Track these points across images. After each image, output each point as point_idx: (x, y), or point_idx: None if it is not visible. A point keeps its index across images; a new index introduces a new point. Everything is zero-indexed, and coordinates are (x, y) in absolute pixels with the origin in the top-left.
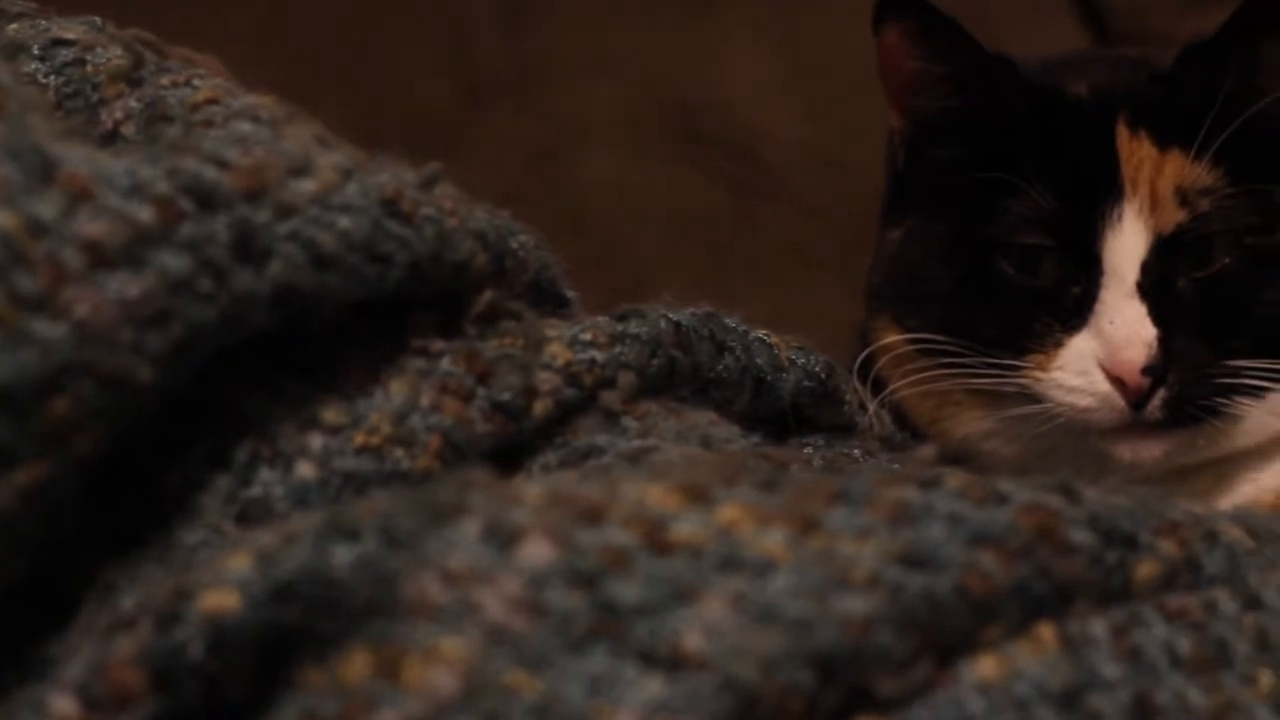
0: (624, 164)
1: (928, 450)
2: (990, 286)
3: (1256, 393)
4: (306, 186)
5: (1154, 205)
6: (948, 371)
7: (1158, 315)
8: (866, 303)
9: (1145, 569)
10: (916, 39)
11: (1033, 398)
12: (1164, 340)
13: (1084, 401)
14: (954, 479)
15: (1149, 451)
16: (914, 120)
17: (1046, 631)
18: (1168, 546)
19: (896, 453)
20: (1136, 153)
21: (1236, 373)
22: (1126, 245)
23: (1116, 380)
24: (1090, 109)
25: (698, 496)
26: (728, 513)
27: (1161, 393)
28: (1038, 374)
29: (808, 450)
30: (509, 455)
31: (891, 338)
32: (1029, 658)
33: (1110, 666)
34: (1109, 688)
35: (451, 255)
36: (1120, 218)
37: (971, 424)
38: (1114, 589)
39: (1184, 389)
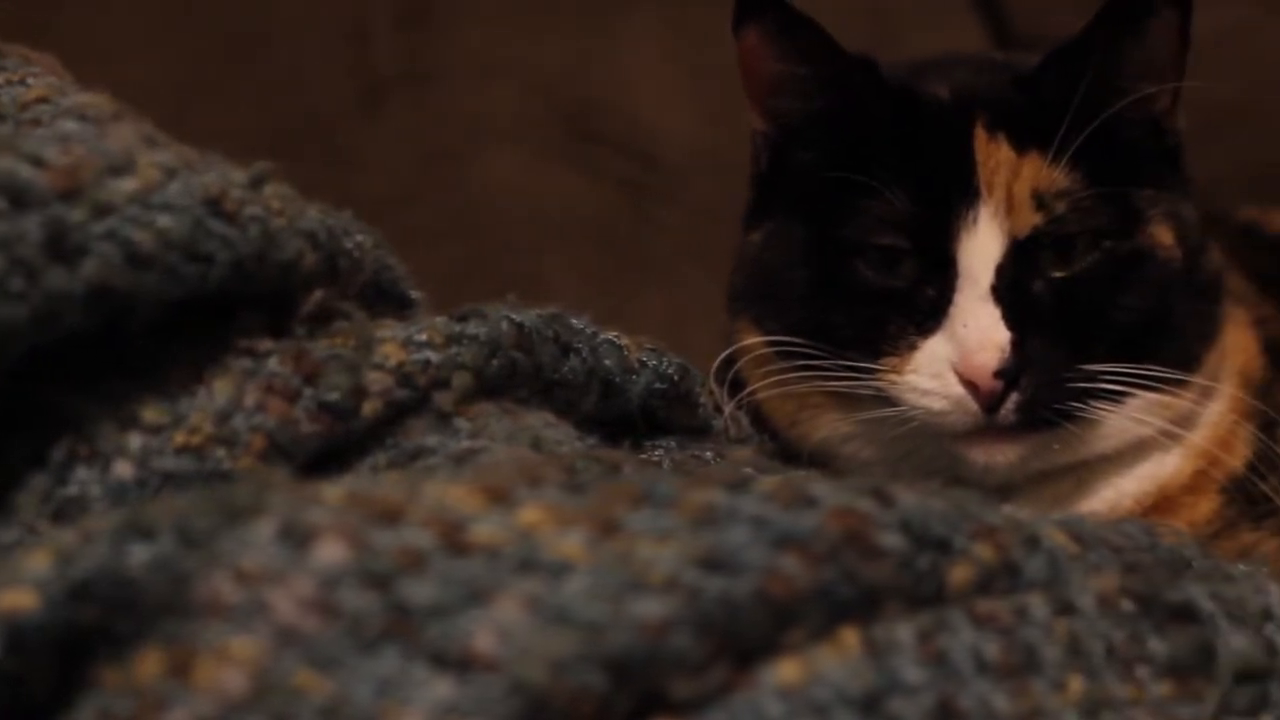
0: (521, 165)
1: (743, 452)
2: (847, 289)
3: (1115, 397)
4: (126, 185)
5: (1010, 208)
6: (805, 374)
7: (1012, 318)
8: (728, 305)
9: (960, 573)
10: (776, 40)
11: (889, 401)
12: (1018, 344)
13: (938, 405)
14: (764, 482)
15: (1003, 455)
16: (776, 122)
17: (850, 635)
18: (984, 551)
19: (757, 456)
20: (994, 155)
21: (1093, 377)
22: (981, 248)
23: (969, 384)
24: (949, 111)
25: (500, 498)
26: (529, 514)
27: (1015, 396)
28: (893, 377)
29: (659, 453)
30: (339, 456)
31: (751, 340)
32: (831, 662)
33: (913, 671)
34: (911, 692)
35: (278, 255)
36: (975, 220)
37: (830, 426)
38: (927, 593)
39: (1038, 393)
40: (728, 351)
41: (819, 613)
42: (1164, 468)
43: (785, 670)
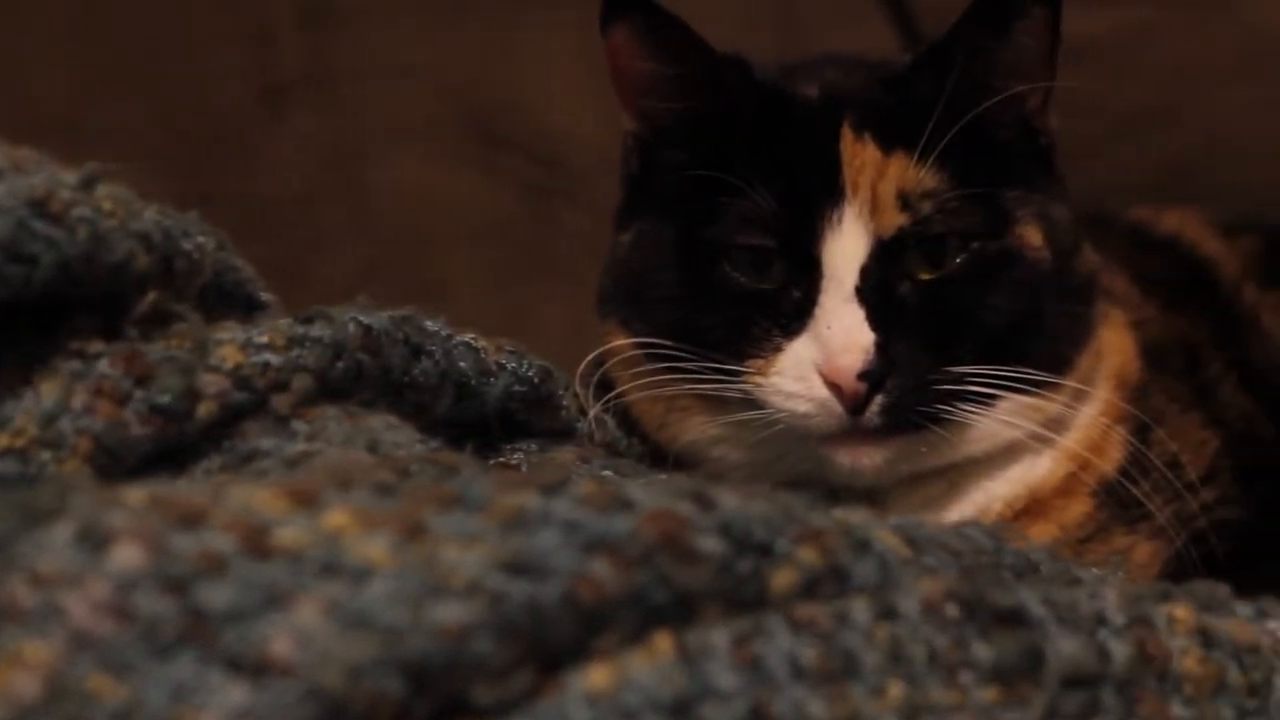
0: (425, 167)
1: (568, 453)
2: (714, 290)
3: (983, 400)
4: None
5: (875, 208)
6: (672, 376)
7: (876, 320)
8: (598, 306)
9: (782, 577)
10: (645, 39)
11: (755, 403)
12: (882, 345)
13: (802, 407)
14: (580, 485)
15: (869, 459)
16: (646, 122)
17: (663, 641)
18: (808, 554)
19: (619, 459)
20: (859, 155)
21: (960, 379)
22: (846, 249)
23: (833, 386)
24: (818, 111)
25: (306, 501)
26: (335, 518)
27: (880, 399)
28: (758, 379)
29: (518, 456)
30: (174, 459)
31: (620, 341)
32: (642, 667)
33: (727, 676)
34: (724, 698)
35: (108, 256)
36: (840, 221)
37: (698, 429)
38: (748, 597)
39: (903, 395)
40: (595, 353)
41: (631, 617)
42: (1035, 471)
43: (595, 676)
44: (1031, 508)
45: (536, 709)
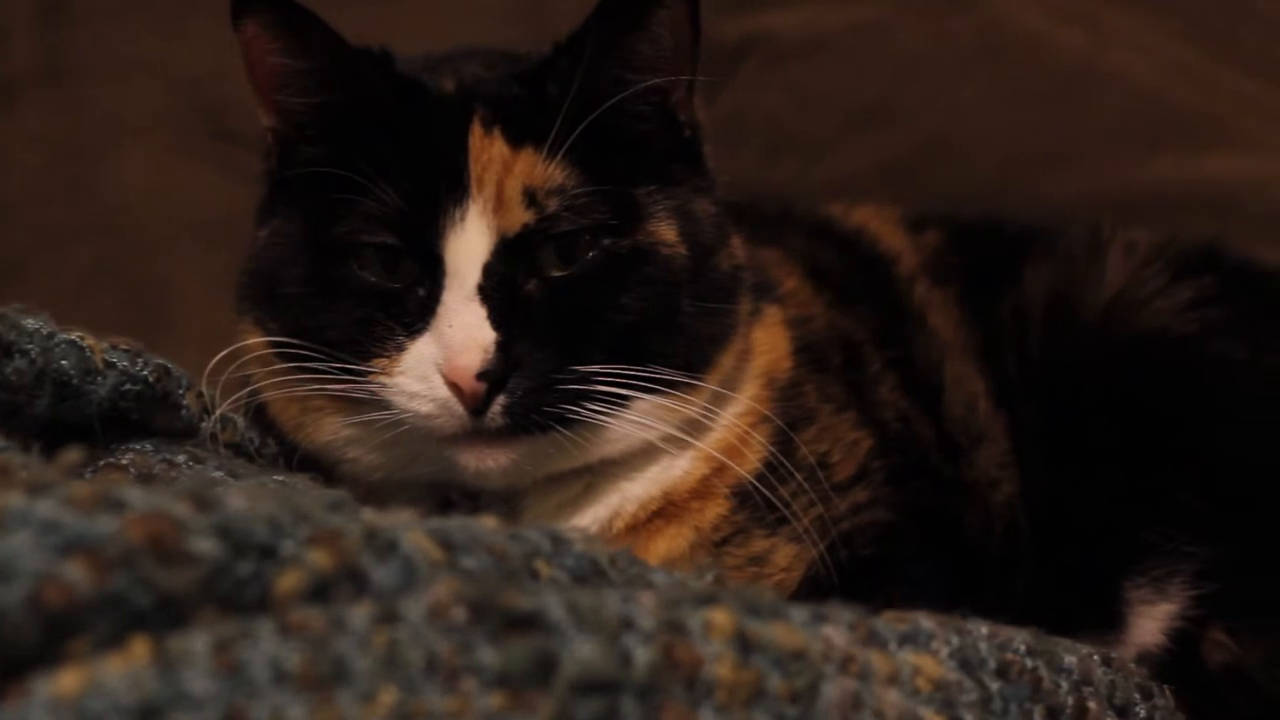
0: (158, 163)
1: (73, 454)
2: (341, 289)
3: (614, 401)
4: None
5: (499, 205)
6: (304, 376)
7: (498, 318)
8: (235, 303)
9: (287, 580)
10: (277, 33)
11: (384, 404)
12: (504, 345)
13: (425, 408)
14: (73, 486)
15: (494, 460)
16: (283, 117)
17: (140, 646)
18: (319, 557)
19: (239, 459)
20: (487, 151)
21: (587, 379)
22: (469, 246)
23: (454, 386)
24: (450, 106)
25: None
26: None
27: (502, 399)
28: (383, 379)
29: (128, 457)
30: None
31: (254, 339)
32: (113, 672)
33: (202, 682)
34: (196, 704)
35: None
36: (464, 218)
37: (331, 430)
38: (248, 601)
39: (527, 396)
40: (227, 351)
41: (108, 621)
42: (671, 473)
43: (63, 681)
44: (667, 510)
45: None
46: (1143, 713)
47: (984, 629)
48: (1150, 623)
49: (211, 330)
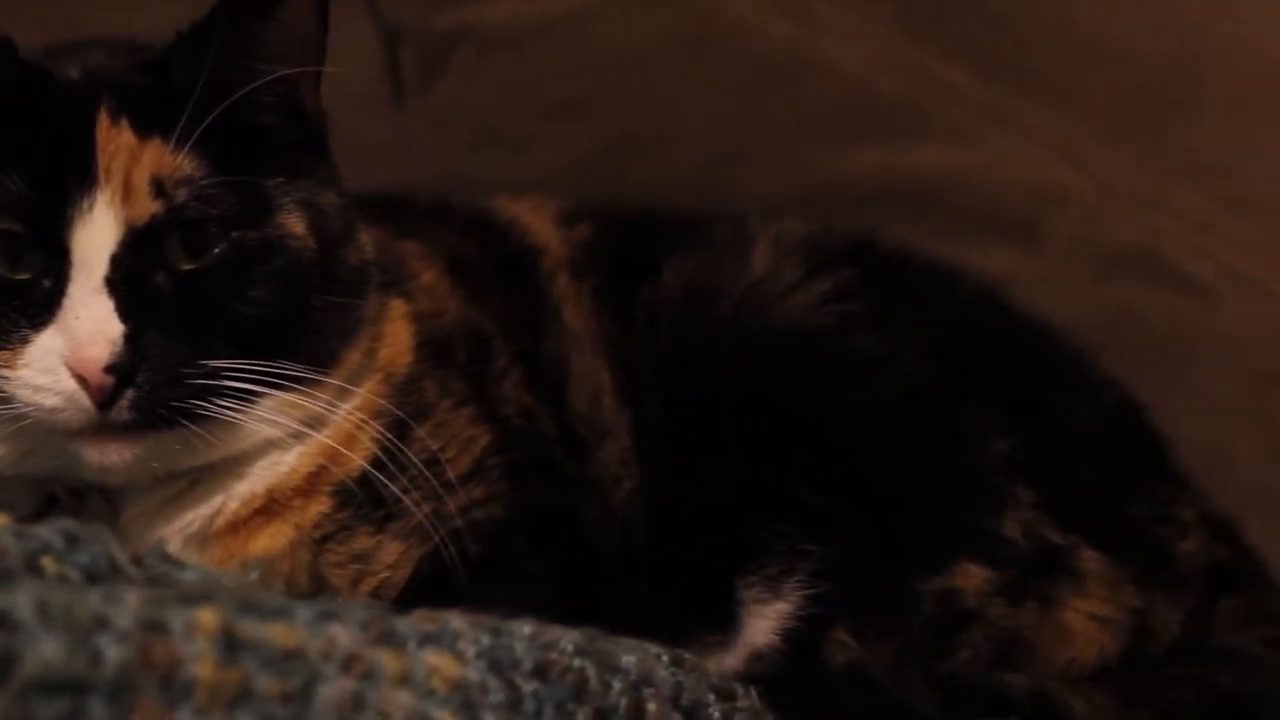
0: None
1: None
2: None
3: (242, 396)
4: None
5: (127, 195)
6: None
7: (127, 311)
8: None
9: None
10: None
11: (5, 398)
12: (132, 337)
13: (50, 401)
14: None
15: (118, 455)
16: None
17: None
18: None
19: None
20: (114, 140)
21: (215, 374)
22: (96, 237)
23: (80, 379)
24: (77, 94)
25: None
26: None
27: (130, 393)
28: (5, 372)
29: None
30: None
31: None
32: None
33: None
34: None
35: None
36: (91, 208)
37: None
38: None
39: (154, 390)
40: None
41: None
42: (277, 469)
43: None
44: (269, 507)
45: None
46: (717, 714)
47: (527, 629)
48: (763, 622)
49: None
